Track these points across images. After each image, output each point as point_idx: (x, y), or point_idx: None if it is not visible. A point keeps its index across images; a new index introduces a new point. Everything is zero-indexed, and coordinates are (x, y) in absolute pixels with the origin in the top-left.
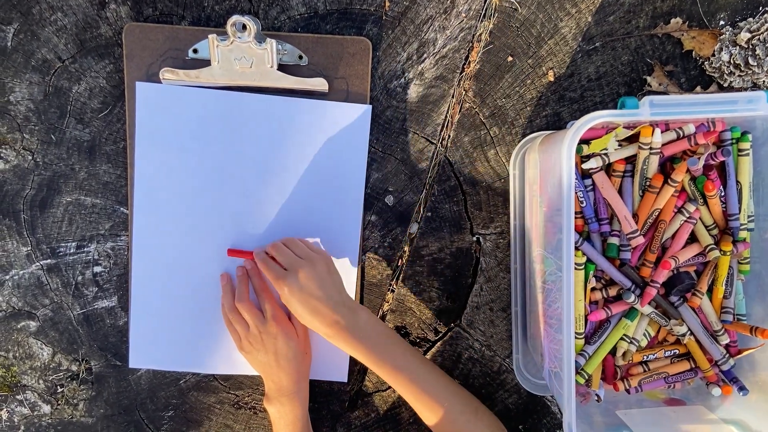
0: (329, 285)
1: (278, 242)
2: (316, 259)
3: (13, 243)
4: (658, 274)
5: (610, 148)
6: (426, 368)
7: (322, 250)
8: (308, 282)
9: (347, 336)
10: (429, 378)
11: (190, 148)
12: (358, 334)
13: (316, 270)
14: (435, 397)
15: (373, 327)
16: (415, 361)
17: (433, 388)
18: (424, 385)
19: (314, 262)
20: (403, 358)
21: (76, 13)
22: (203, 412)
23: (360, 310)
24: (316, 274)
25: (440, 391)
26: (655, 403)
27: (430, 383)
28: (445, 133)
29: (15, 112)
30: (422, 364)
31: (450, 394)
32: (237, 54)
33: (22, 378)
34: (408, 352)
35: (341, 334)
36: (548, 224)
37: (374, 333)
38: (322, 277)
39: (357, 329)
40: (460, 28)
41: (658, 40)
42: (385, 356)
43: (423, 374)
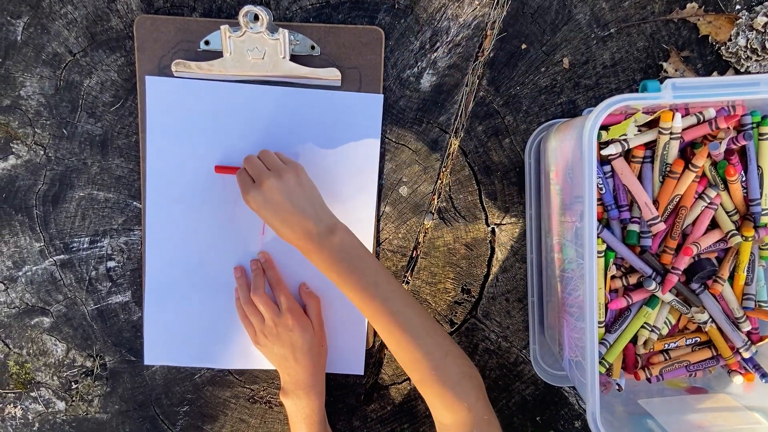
0: (298, 195)
1: (252, 155)
2: (283, 169)
3: (25, 239)
4: (679, 261)
5: (629, 134)
6: (402, 299)
7: (294, 162)
8: (272, 192)
9: (318, 248)
10: (403, 310)
11: (202, 141)
12: (330, 248)
13: (282, 180)
14: (406, 331)
15: (350, 244)
16: (391, 289)
17: (406, 321)
18: (397, 317)
19: (281, 173)
20: (378, 282)
21: (87, 6)
22: (218, 406)
23: (338, 227)
24: (282, 184)
25: (413, 326)
26: (677, 391)
27: (403, 315)
28: (459, 123)
29: (26, 106)
30: (398, 293)
31: (423, 332)
32: (249, 45)
33: (37, 375)
34: (384, 278)
35: (312, 246)
36: (567, 212)
37: (352, 251)
38: (289, 187)
39: (329, 243)
40: (474, 15)
41: (674, 25)
42: (359, 276)
43: (397, 304)
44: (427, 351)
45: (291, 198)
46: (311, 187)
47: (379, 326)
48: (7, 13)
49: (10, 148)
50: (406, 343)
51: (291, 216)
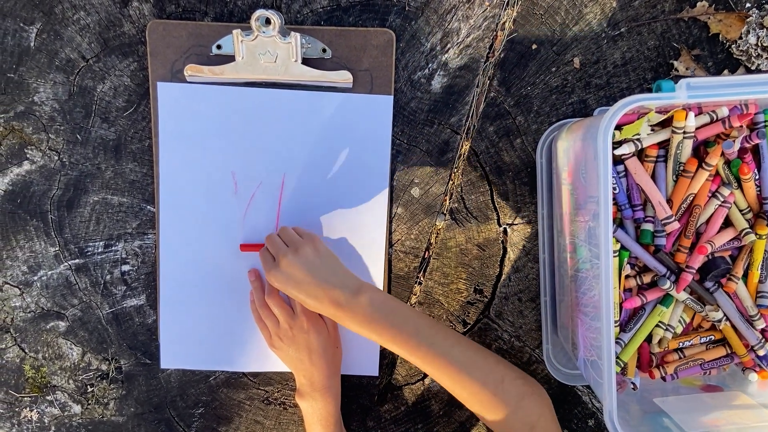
0: (317, 266)
1: (273, 234)
2: (299, 243)
3: (41, 243)
4: (694, 260)
5: (642, 133)
6: (447, 339)
7: (310, 233)
8: (291, 269)
9: (349, 314)
10: (450, 350)
11: (214, 146)
12: (361, 310)
13: (299, 255)
14: (459, 369)
15: (381, 301)
16: (433, 332)
17: (456, 360)
18: (446, 358)
19: (298, 247)
20: (418, 330)
21: (99, 12)
22: (233, 408)
23: (363, 287)
24: (299, 259)
25: (464, 362)
26: (692, 389)
27: (451, 354)
28: (470, 123)
29: (40, 112)
30: (441, 334)
31: (474, 365)
32: (261, 49)
33: (52, 378)
34: (423, 323)
35: (342, 313)
36: (580, 212)
37: (383, 307)
38: (308, 260)
39: (359, 305)
40: (484, 16)
41: (685, 23)
42: (397, 329)
43: (443, 345)
44: (483, 382)
45: (311, 271)
46: (329, 255)
47: (431, 371)
48: (20, 19)
49: (25, 154)
50: (461, 380)
51: (315, 289)
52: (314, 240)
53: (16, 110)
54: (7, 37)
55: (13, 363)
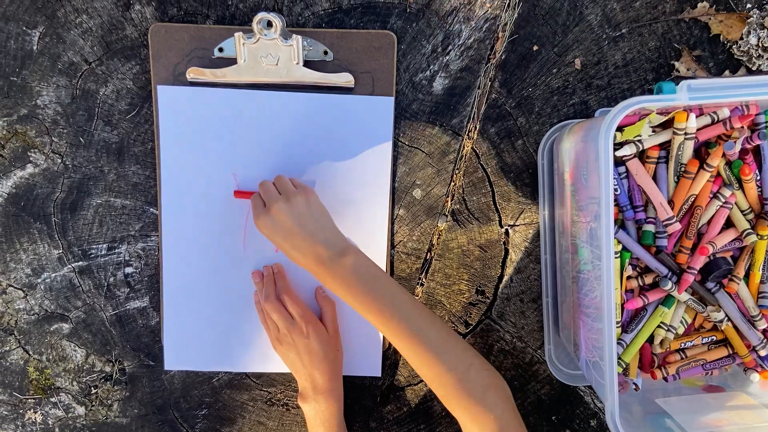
0: (307, 219)
1: (267, 180)
2: (293, 193)
3: (44, 246)
4: (695, 261)
5: (643, 135)
6: (421, 316)
7: (306, 186)
8: (280, 215)
9: (330, 272)
10: (423, 327)
11: (215, 148)
12: (343, 271)
13: (291, 203)
14: (427, 348)
15: (365, 266)
16: (408, 307)
17: (427, 338)
18: (417, 335)
19: (290, 197)
20: (395, 302)
21: (101, 15)
22: (236, 409)
23: (349, 249)
24: (291, 208)
25: (434, 342)
26: (694, 390)
27: (424, 332)
28: (471, 125)
29: (43, 115)
30: (416, 311)
31: (444, 347)
32: (263, 51)
33: (56, 380)
34: (401, 296)
35: (323, 270)
36: (582, 213)
37: (366, 273)
38: (298, 211)
39: (341, 266)
40: (485, 18)
41: (685, 24)
42: (374, 297)
43: (417, 322)
44: (449, 366)
45: (300, 222)
46: (321, 211)
47: (400, 345)
48: (22, 23)
49: (28, 157)
50: (428, 359)
51: (301, 241)
52: (308, 192)
53: (19, 113)
54: (10, 40)
55: (17, 365)
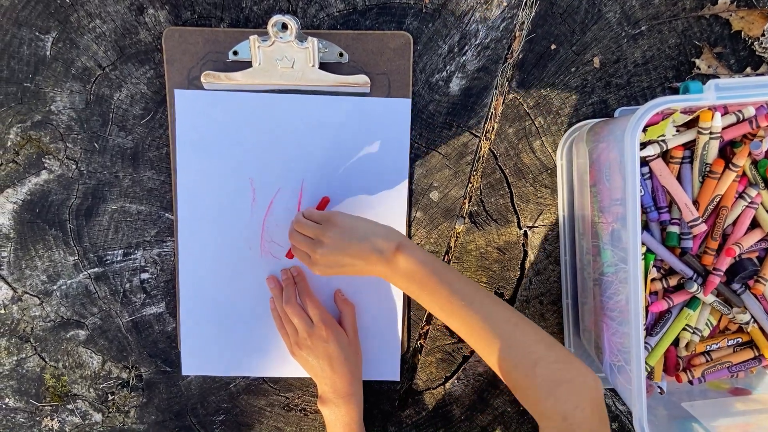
0: (347, 239)
1: (293, 230)
2: (320, 232)
3: (59, 253)
4: (721, 262)
5: (667, 135)
6: (487, 304)
7: (325, 215)
8: (324, 259)
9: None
10: (491, 314)
11: (231, 152)
12: (406, 264)
13: (325, 244)
14: (494, 341)
15: (423, 254)
16: (478, 297)
17: (492, 330)
18: (485, 327)
19: (320, 237)
20: (463, 290)
21: (115, 20)
22: (254, 415)
23: (405, 241)
24: (327, 248)
25: (500, 334)
26: (720, 393)
27: (490, 322)
28: (488, 126)
29: (57, 121)
30: (483, 299)
31: (511, 340)
32: (278, 54)
33: (73, 387)
34: (467, 285)
35: (391, 270)
36: (605, 215)
37: (424, 259)
38: (335, 244)
39: (404, 257)
40: (502, 17)
41: (706, 21)
42: (441, 285)
43: (485, 311)
44: (516, 363)
45: (343, 250)
46: (353, 223)
47: (469, 339)
48: (35, 28)
49: (43, 163)
50: (496, 354)
51: (355, 262)
52: (332, 220)
53: (33, 120)
54: (23, 46)
55: (33, 372)
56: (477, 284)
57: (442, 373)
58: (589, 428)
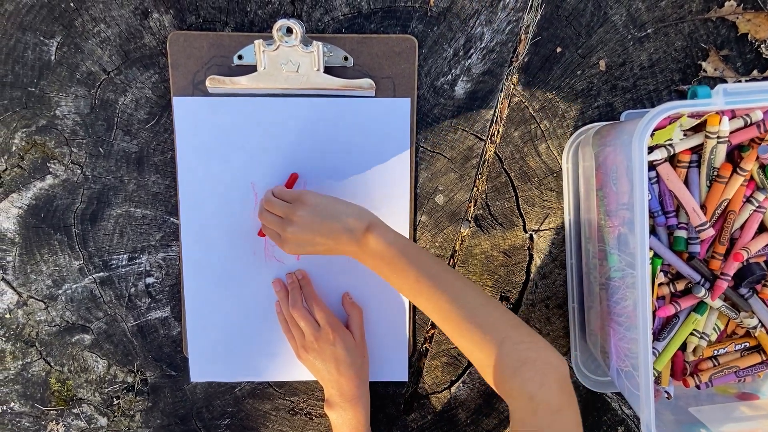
0: (318, 218)
1: (262, 208)
2: (290, 211)
3: (65, 257)
4: (729, 267)
5: (675, 138)
6: (455, 283)
7: (295, 193)
8: (295, 237)
9: (366, 250)
10: (457, 294)
11: (232, 157)
12: (376, 244)
13: (295, 222)
14: (460, 320)
15: (395, 235)
16: (444, 275)
17: (460, 309)
18: (453, 305)
19: (290, 216)
20: (432, 271)
21: (119, 24)
22: (259, 419)
23: (376, 222)
24: (297, 226)
25: (467, 313)
26: (727, 398)
27: (458, 301)
28: (494, 129)
29: (62, 126)
30: (450, 277)
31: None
32: (283, 58)
33: (78, 391)
34: (435, 264)
35: (362, 250)
36: (612, 219)
37: (396, 239)
38: (305, 223)
39: (375, 237)
40: (507, 20)
41: (712, 24)
42: (411, 265)
43: (451, 289)
44: (481, 340)
45: (314, 230)
46: (326, 202)
47: (436, 317)
48: (40, 33)
49: (48, 168)
50: (465, 332)
51: (325, 241)
52: (302, 199)
53: (38, 124)
54: (28, 51)
55: (38, 377)
56: (447, 265)
57: (448, 376)
58: (557, 407)
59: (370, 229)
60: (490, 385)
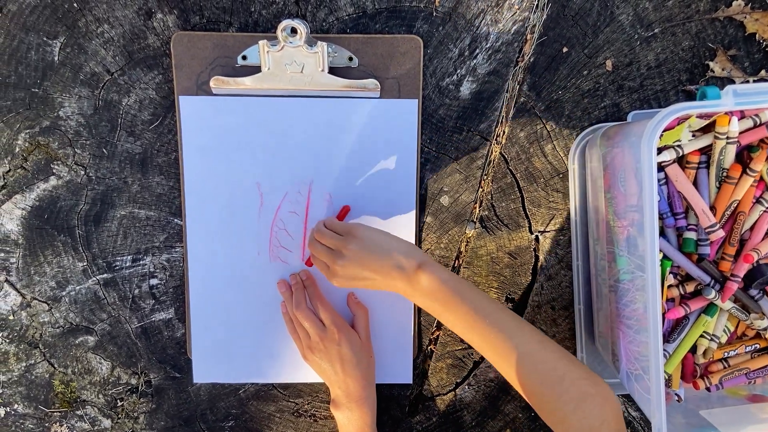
0: (370, 252)
1: (314, 241)
2: (341, 244)
3: (68, 259)
4: (739, 268)
5: (683, 140)
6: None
7: (347, 226)
8: (345, 270)
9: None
10: (514, 334)
11: (238, 157)
12: (429, 282)
13: (345, 256)
14: (520, 359)
15: (446, 272)
16: (500, 315)
17: (518, 348)
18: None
19: (341, 248)
20: (486, 309)
21: (123, 25)
22: (263, 421)
23: (427, 260)
24: (348, 260)
25: (526, 352)
26: (737, 400)
27: (515, 341)
28: (499, 130)
29: (66, 127)
30: (507, 317)
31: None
32: (287, 59)
33: (82, 393)
34: (489, 303)
35: (413, 288)
36: (620, 220)
37: (448, 278)
38: (356, 255)
39: (427, 276)
40: (513, 20)
41: (720, 23)
42: (463, 303)
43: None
44: (542, 378)
45: (363, 262)
46: (377, 236)
47: (492, 357)
48: (43, 33)
49: (51, 169)
50: (522, 372)
51: (378, 266)
52: (353, 233)
53: (41, 125)
54: (31, 51)
55: (42, 378)
56: (498, 302)
57: (453, 378)
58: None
59: (422, 266)
60: (549, 423)
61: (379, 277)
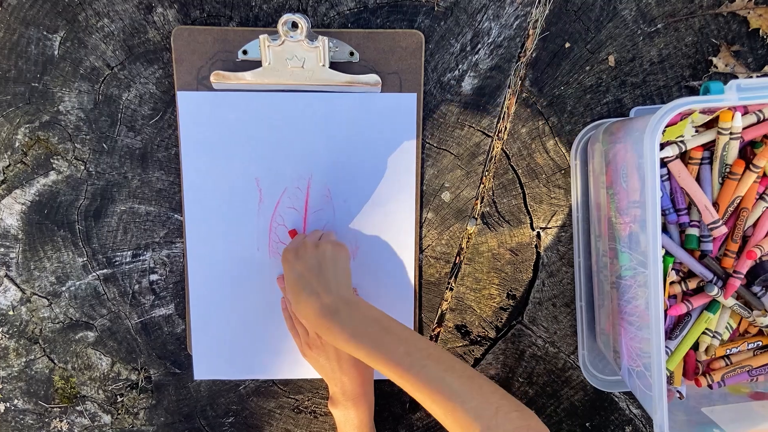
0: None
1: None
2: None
3: (68, 254)
4: (742, 265)
5: (686, 135)
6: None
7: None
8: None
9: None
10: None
11: (237, 153)
12: (350, 321)
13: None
14: (450, 397)
15: (372, 313)
16: (424, 355)
17: (447, 386)
18: (437, 384)
19: (319, 243)
20: (409, 349)
21: (123, 19)
22: (263, 417)
23: (356, 300)
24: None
25: (456, 390)
26: (740, 397)
27: (443, 380)
28: (501, 125)
29: (65, 121)
30: (433, 358)
31: (468, 394)
32: (288, 53)
33: (82, 389)
34: (414, 342)
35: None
36: (622, 217)
37: (373, 318)
38: (318, 261)
39: (348, 315)
40: (515, 15)
41: (723, 19)
42: (385, 345)
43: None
44: (475, 414)
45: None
46: (342, 268)
47: (420, 397)
48: (43, 27)
49: (51, 164)
50: (452, 409)
51: (309, 290)
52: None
53: (41, 120)
54: (31, 45)
55: (42, 374)
56: (426, 341)
57: None
58: None
59: (354, 302)
60: None
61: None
